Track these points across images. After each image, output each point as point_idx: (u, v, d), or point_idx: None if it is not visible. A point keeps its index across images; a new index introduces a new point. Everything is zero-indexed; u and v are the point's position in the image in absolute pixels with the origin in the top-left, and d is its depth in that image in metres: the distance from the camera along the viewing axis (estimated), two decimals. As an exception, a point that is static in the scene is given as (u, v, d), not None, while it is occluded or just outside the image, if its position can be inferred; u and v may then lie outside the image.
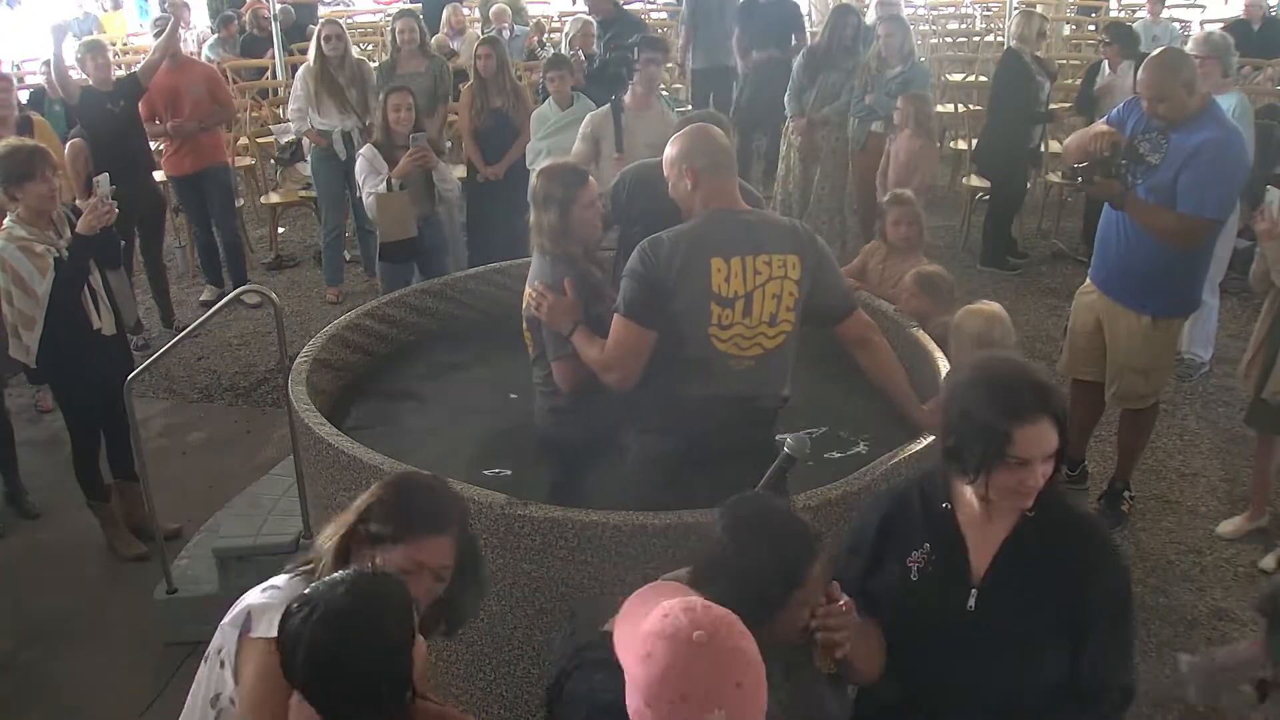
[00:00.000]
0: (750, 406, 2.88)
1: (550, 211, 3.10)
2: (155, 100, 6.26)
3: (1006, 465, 1.87)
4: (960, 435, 1.92)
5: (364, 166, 5.26)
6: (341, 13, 13.96)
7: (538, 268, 3.14)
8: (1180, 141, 3.75)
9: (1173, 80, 3.75)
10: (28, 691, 3.65)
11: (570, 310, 3.00)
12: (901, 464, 2.94)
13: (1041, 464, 1.88)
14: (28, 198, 3.89)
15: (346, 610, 1.63)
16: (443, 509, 1.97)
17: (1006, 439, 1.85)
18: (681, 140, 2.90)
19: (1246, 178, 4.14)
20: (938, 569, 2.01)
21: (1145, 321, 4.00)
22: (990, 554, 1.99)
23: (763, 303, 2.79)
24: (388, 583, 1.73)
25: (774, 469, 2.40)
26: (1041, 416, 1.87)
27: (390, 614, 1.67)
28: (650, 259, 2.77)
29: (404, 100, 5.25)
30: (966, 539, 2.01)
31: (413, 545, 1.89)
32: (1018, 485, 1.89)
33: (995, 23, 11.96)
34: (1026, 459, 1.87)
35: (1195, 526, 4.33)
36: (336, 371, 3.81)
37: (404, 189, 5.20)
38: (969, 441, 1.90)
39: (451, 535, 1.94)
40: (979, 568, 2.00)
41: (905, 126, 5.88)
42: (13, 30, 12.70)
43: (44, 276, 3.90)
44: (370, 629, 1.63)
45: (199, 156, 6.48)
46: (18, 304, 3.92)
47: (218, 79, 6.73)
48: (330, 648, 1.61)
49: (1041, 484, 1.90)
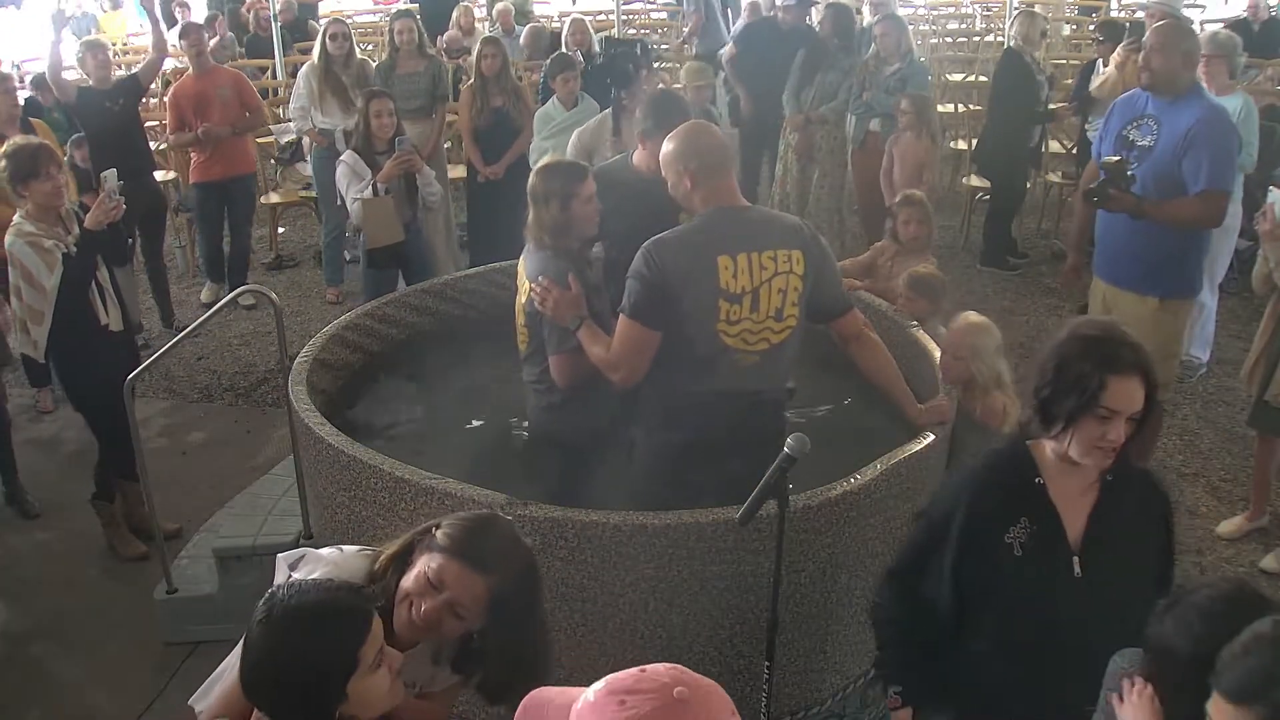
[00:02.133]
0: (756, 399, 2.91)
1: (551, 206, 3.11)
2: (184, 107, 6.24)
3: (1095, 417, 1.99)
4: (1055, 386, 2.04)
5: (345, 172, 5.24)
6: (342, 12, 13.98)
7: (538, 263, 3.14)
8: (1170, 122, 3.80)
9: (1174, 45, 3.82)
10: (28, 691, 3.65)
11: (575, 304, 3.00)
12: (902, 464, 2.94)
13: (1126, 423, 1.99)
14: (34, 195, 3.92)
15: (292, 612, 1.68)
16: (496, 553, 1.95)
17: (1101, 387, 1.97)
18: (677, 140, 2.91)
19: (1239, 149, 4.23)
20: (1039, 542, 2.10)
21: (1153, 304, 4.01)
22: (1083, 521, 2.11)
23: (769, 298, 2.81)
24: (346, 597, 1.75)
25: (774, 469, 2.40)
26: (1134, 372, 1.99)
27: (333, 624, 1.69)
28: (655, 261, 2.77)
29: (385, 106, 5.24)
30: (1060, 510, 2.10)
31: (449, 565, 1.89)
32: (1100, 439, 2.00)
33: (995, 23, 11.96)
34: (1115, 410, 1.98)
35: (1195, 526, 4.33)
36: (336, 371, 3.82)
37: (389, 193, 5.19)
38: (1062, 392, 2.02)
39: (489, 580, 1.91)
40: (1075, 535, 2.10)
41: (909, 128, 5.88)
42: (14, 30, 12.67)
43: (52, 272, 3.92)
44: (307, 635, 1.66)
45: (229, 164, 6.46)
46: (27, 299, 3.95)
47: (245, 83, 6.67)
48: (266, 646, 1.67)
49: (1121, 443, 2.01)
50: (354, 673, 1.67)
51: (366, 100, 5.31)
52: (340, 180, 5.31)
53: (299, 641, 1.66)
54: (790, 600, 2.81)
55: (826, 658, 3.07)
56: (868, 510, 2.90)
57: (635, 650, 2.87)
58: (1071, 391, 2.00)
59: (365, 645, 1.69)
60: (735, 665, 2.90)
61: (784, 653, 2.76)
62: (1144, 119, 3.91)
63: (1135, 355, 2.01)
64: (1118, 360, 1.99)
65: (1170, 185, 3.83)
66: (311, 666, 1.66)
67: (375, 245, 5.26)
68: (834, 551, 2.89)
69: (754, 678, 2.78)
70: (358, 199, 5.16)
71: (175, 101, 6.06)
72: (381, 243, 5.23)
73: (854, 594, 3.00)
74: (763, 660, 2.59)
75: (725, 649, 2.88)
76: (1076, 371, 2.00)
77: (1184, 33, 3.94)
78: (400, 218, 5.26)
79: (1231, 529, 4.24)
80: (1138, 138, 3.91)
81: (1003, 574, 2.09)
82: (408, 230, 5.32)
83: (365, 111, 5.26)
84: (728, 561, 2.76)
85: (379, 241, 5.24)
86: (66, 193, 4.07)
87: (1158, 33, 3.95)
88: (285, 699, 1.68)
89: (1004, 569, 2.09)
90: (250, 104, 6.57)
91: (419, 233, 5.51)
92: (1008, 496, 2.13)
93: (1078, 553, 2.10)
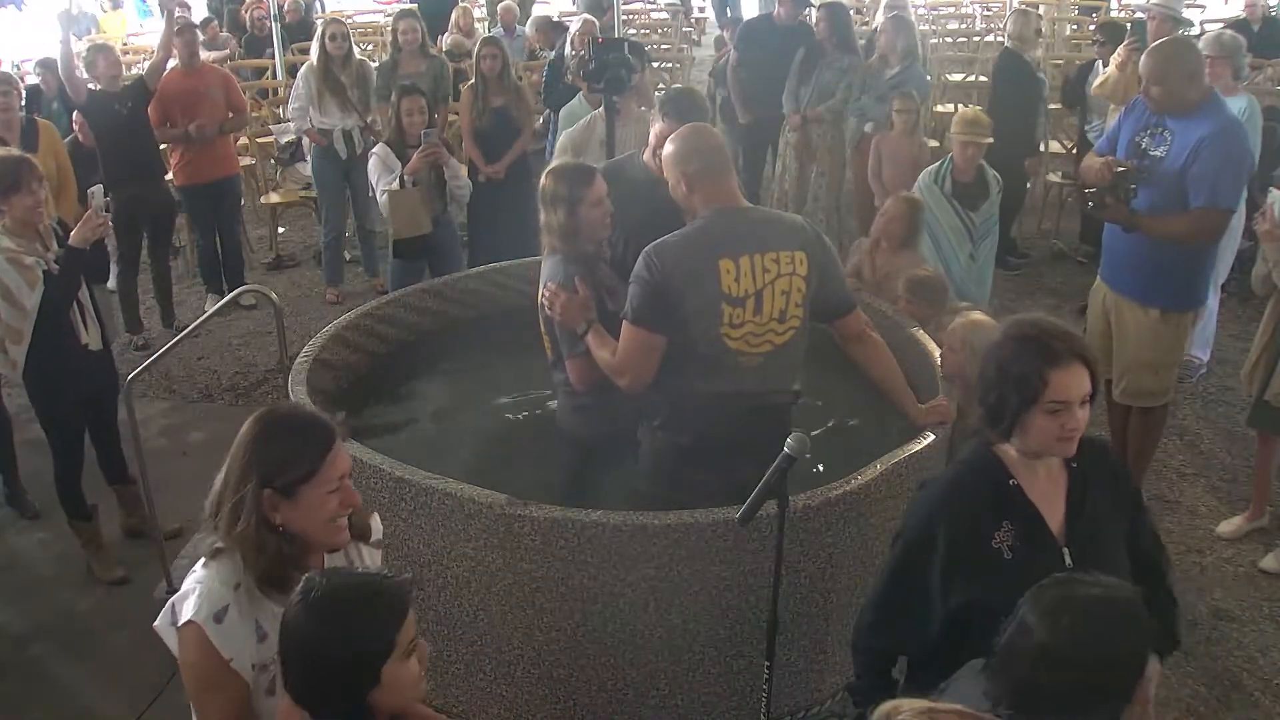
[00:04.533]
0: (761, 402, 2.90)
1: (559, 211, 3.11)
2: (170, 105, 6.20)
3: (1047, 412, 2.02)
4: (999, 390, 2.07)
5: (376, 165, 5.28)
6: (341, 12, 13.97)
7: (550, 268, 3.15)
8: (1183, 134, 3.74)
9: (1173, 68, 3.74)
10: (28, 691, 3.64)
11: (583, 308, 3.00)
12: (902, 464, 2.94)
13: (1080, 409, 2.02)
14: (13, 210, 3.75)
15: (331, 593, 1.69)
16: (314, 421, 2.00)
17: (1043, 383, 2.01)
18: (676, 143, 2.91)
19: (1253, 168, 4.14)
20: (1026, 542, 2.11)
21: (1154, 315, 3.98)
22: (1060, 512, 2.14)
23: (772, 300, 2.81)
24: (384, 580, 1.76)
25: (774, 469, 2.40)
26: (1073, 360, 2.02)
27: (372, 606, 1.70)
28: (657, 266, 2.77)
29: (416, 104, 5.30)
30: (1038, 506, 2.13)
31: (325, 465, 1.91)
32: (1060, 430, 2.03)
33: (995, 23, 11.96)
34: (1065, 401, 2.02)
35: (1195, 526, 4.33)
36: (336, 371, 3.81)
37: (416, 186, 5.21)
38: (1007, 394, 2.05)
39: (340, 437, 1.97)
40: (1058, 528, 2.13)
41: (901, 129, 5.88)
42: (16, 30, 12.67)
43: (33, 289, 3.78)
44: (347, 617, 1.68)
45: (215, 167, 6.44)
46: (5, 317, 3.81)
47: (233, 83, 6.67)
48: (305, 627, 1.68)
49: (1082, 428, 2.03)
50: (390, 656, 1.69)
51: (399, 96, 5.36)
52: (371, 172, 5.35)
53: (338, 623, 1.67)
54: (790, 600, 2.81)
55: (826, 658, 3.08)
56: (868, 510, 2.90)
57: (635, 650, 2.87)
58: (1014, 393, 2.04)
59: (402, 629, 1.71)
60: (735, 665, 2.91)
61: (784, 653, 2.76)
62: (1159, 128, 3.83)
63: (1069, 344, 2.05)
64: (1054, 354, 2.02)
65: (1178, 197, 3.76)
66: (348, 646, 1.67)
67: (401, 237, 5.28)
68: (834, 551, 2.89)
69: (754, 678, 2.78)
70: (385, 191, 5.19)
71: (161, 97, 6.03)
72: (407, 234, 5.25)
73: (854, 594, 3.00)
74: (763, 660, 2.59)
75: (725, 649, 2.88)
76: (1017, 373, 2.04)
77: (1180, 52, 3.81)
78: (428, 210, 5.28)
79: (1231, 529, 4.23)
80: (1150, 146, 3.83)
81: (998, 578, 2.07)
82: (436, 223, 5.34)
83: (397, 108, 5.33)
84: (728, 561, 2.76)
85: (405, 233, 5.26)
86: (46, 209, 3.90)
87: (1153, 58, 3.81)
88: (321, 681, 1.69)
89: (998, 574, 2.08)
90: (236, 104, 6.56)
91: (449, 225, 5.55)
92: (985, 503, 2.13)
93: (1065, 544, 2.12)
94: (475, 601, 2.95)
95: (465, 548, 2.87)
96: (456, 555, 2.90)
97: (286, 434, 1.94)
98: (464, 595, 2.95)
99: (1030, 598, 1.79)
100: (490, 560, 2.85)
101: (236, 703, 1.89)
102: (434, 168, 5.27)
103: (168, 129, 6.26)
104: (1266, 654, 3.61)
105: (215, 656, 1.85)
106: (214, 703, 1.89)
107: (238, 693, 1.88)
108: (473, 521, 2.82)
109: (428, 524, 2.90)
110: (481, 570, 2.88)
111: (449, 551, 2.91)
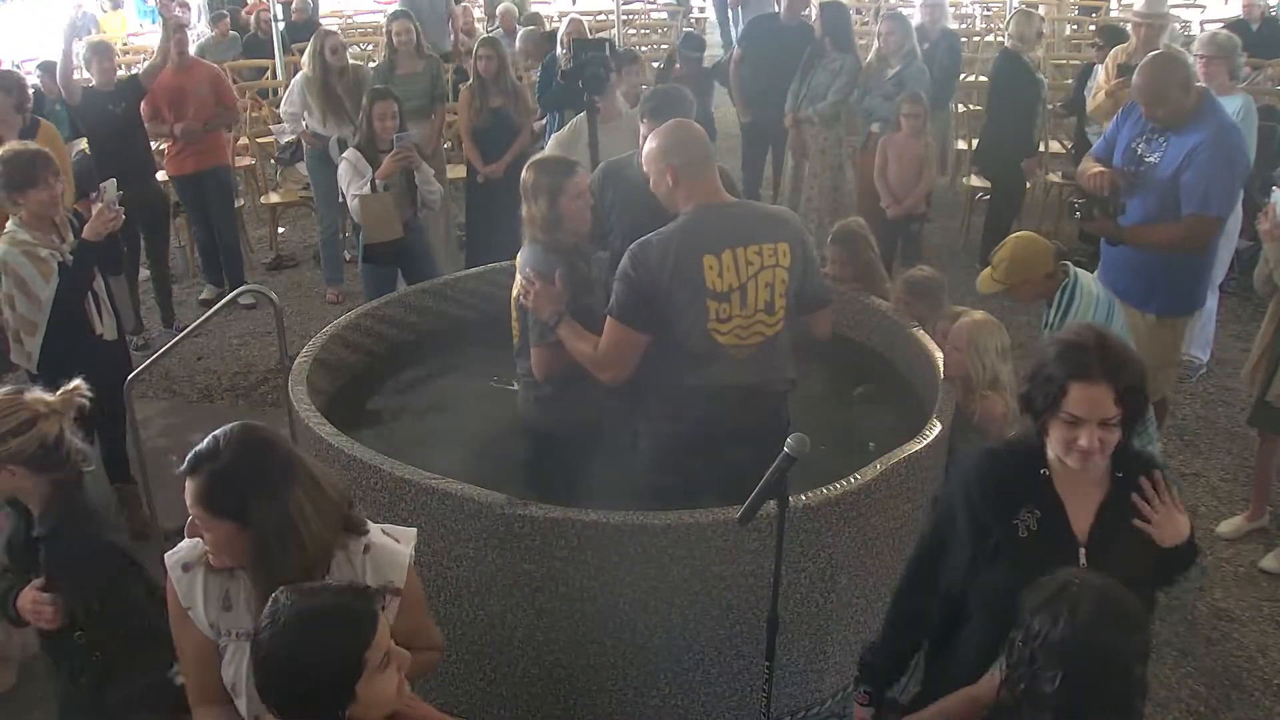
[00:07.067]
0: (756, 393, 2.91)
1: (540, 201, 3.15)
2: (159, 100, 6.22)
3: (1061, 421, 2.01)
4: (1031, 384, 2.07)
5: (347, 170, 5.24)
6: (341, 12, 13.98)
7: (529, 255, 3.17)
8: (1179, 139, 3.75)
9: (1167, 83, 3.75)
10: (28, 691, 3.64)
11: (556, 299, 3.02)
12: (902, 464, 2.94)
13: (1098, 429, 1.98)
14: (30, 204, 3.82)
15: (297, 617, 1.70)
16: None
17: (1062, 393, 1.99)
18: (659, 138, 2.92)
19: (1247, 174, 4.13)
20: (1045, 529, 2.11)
21: (1150, 319, 3.99)
22: (1090, 515, 2.12)
23: (756, 292, 2.82)
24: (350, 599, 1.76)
25: (773, 469, 2.40)
26: (1100, 381, 1.98)
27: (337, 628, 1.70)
28: (640, 263, 2.78)
29: (389, 108, 5.23)
30: (1065, 502, 2.12)
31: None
32: (1071, 443, 2.01)
33: (995, 23, 11.95)
34: (1077, 417, 1.99)
35: (1195, 526, 4.28)
36: (336, 371, 3.81)
37: (388, 190, 5.19)
38: (1035, 391, 2.06)
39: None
40: (1081, 528, 2.12)
41: (910, 130, 5.87)
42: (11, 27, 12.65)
43: (48, 281, 3.84)
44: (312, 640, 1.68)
45: (202, 157, 6.45)
46: (20, 309, 3.87)
47: (222, 80, 6.69)
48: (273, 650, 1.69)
49: (1096, 449, 2.00)
50: (360, 675, 1.68)
51: (371, 101, 5.29)
52: (342, 177, 5.31)
53: (304, 646, 1.67)
54: (790, 600, 2.81)
55: (826, 658, 3.07)
56: (868, 510, 2.90)
57: (635, 650, 2.87)
58: (1040, 392, 2.05)
59: (371, 648, 1.70)
60: (735, 665, 2.90)
61: (784, 653, 2.76)
62: (1155, 135, 3.84)
63: (1105, 364, 1.99)
64: (1083, 367, 1.99)
65: (1171, 203, 3.77)
66: (317, 670, 1.67)
67: (372, 242, 5.26)
68: (834, 551, 2.89)
69: (754, 678, 2.78)
70: (357, 195, 5.16)
71: (150, 91, 6.05)
72: (379, 239, 5.23)
73: (854, 594, 3.00)
74: (763, 660, 2.59)
75: (725, 649, 2.88)
76: (1046, 374, 2.04)
77: (1169, 67, 3.79)
78: (399, 215, 5.26)
79: (1231, 529, 4.23)
80: (1146, 153, 3.85)
81: (1009, 550, 2.10)
82: (407, 229, 5.31)
83: (369, 111, 5.25)
84: (728, 561, 2.76)
85: (376, 238, 5.24)
86: (62, 201, 3.97)
87: (1144, 77, 3.80)
88: (294, 701, 1.69)
89: (1008, 550, 2.10)
90: (225, 101, 6.57)
91: (419, 231, 5.50)
92: (1014, 481, 2.15)
93: (1084, 545, 2.11)
94: (475, 602, 2.94)
95: (465, 548, 2.87)
96: (456, 555, 2.90)
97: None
98: (464, 595, 2.95)
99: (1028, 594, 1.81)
100: (490, 560, 2.85)
101: (199, 650, 2.00)
102: (405, 172, 5.23)
103: (158, 124, 6.29)
104: (1266, 654, 3.61)
105: (176, 603, 2.00)
106: (181, 640, 2.03)
107: (199, 641, 1.99)
108: (472, 521, 2.82)
109: (427, 524, 2.90)
110: (481, 570, 2.88)
111: (449, 552, 2.91)
